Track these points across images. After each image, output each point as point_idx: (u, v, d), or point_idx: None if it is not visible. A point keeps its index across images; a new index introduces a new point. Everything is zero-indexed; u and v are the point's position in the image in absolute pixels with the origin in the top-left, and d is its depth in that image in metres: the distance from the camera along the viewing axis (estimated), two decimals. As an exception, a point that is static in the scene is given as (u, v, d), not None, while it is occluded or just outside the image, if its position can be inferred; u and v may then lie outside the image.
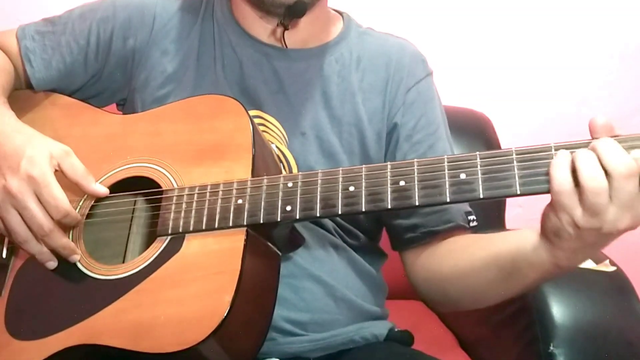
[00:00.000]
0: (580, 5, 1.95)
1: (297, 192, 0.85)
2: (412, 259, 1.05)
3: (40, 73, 1.08)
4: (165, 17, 1.09)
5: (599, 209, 0.71)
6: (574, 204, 0.72)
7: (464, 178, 0.77)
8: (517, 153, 0.76)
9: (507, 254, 0.86)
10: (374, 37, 1.12)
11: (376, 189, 0.81)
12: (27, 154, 0.90)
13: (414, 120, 1.05)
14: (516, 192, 0.75)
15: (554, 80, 1.99)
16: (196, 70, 1.06)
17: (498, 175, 0.76)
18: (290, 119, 1.03)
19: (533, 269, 0.83)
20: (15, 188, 0.88)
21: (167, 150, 0.97)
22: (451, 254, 0.98)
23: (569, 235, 0.75)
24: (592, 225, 0.72)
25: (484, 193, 0.76)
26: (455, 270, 0.96)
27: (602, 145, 0.71)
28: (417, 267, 1.04)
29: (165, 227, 0.90)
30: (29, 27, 1.11)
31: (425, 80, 1.09)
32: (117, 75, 1.10)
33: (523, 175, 0.75)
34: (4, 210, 0.90)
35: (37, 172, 0.88)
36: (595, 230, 0.72)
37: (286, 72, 1.05)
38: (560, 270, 0.82)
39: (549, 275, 0.85)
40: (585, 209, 0.71)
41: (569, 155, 0.73)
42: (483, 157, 0.78)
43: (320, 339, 0.98)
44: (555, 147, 0.74)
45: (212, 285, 0.84)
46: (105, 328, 0.86)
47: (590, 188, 0.70)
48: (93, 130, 1.05)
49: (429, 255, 1.02)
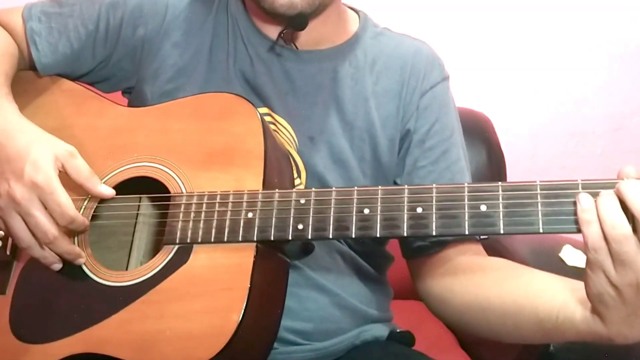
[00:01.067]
0: (580, 5, 1.94)
1: (310, 210, 0.83)
2: (421, 267, 1.02)
3: (47, 58, 1.04)
4: (178, 8, 1.05)
5: (628, 258, 0.67)
6: (607, 259, 0.69)
7: (485, 210, 0.75)
8: (542, 188, 0.73)
9: (550, 311, 0.80)
10: (390, 38, 1.07)
11: (392, 214, 0.79)
12: (31, 157, 0.87)
13: (427, 125, 1.02)
14: (538, 231, 0.72)
15: (554, 80, 1.99)
16: (208, 65, 1.03)
17: (520, 211, 0.73)
18: (300, 122, 1.00)
19: (579, 336, 0.79)
20: (19, 195, 0.86)
21: (174, 151, 0.94)
22: (476, 280, 0.93)
23: (612, 299, 0.70)
24: (628, 280, 0.68)
25: (504, 229, 0.74)
26: (481, 303, 0.90)
27: (625, 187, 0.68)
28: (429, 280, 1.01)
29: (172, 237, 0.88)
30: (35, 7, 1.06)
31: (442, 84, 1.05)
32: (124, 63, 1.06)
33: (547, 213, 0.72)
34: (8, 215, 0.87)
35: (41, 179, 0.86)
36: (633, 287, 0.69)
37: (297, 74, 1.01)
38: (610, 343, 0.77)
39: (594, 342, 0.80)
40: (615, 260, 0.68)
41: (593, 203, 0.69)
42: (505, 190, 0.75)
43: (323, 348, 0.98)
44: (583, 184, 0.72)
45: (220, 303, 0.82)
46: (110, 338, 0.85)
47: (614, 236, 0.67)
48: (99, 122, 1.02)
49: (445, 272, 0.98)
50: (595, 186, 0.71)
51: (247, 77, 1.01)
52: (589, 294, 0.73)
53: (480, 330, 0.94)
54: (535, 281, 0.85)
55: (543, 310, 0.81)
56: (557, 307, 0.79)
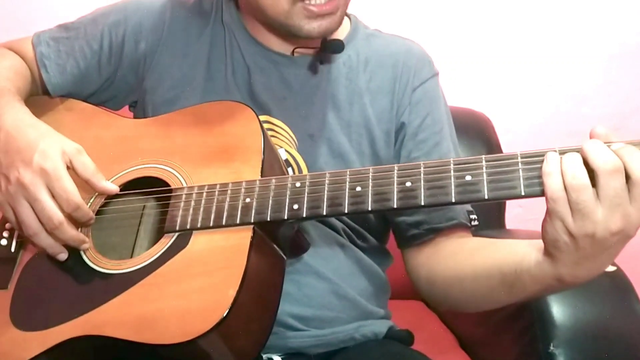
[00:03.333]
0: (580, 4, 1.94)
1: (305, 191, 0.86)
2: (414, 256, 1.06)
3: (56, 78, 1.10)
4: (176, 21, 1.12)
5: (586, 209, 0.72)
6: (565, 209, 0.73)
7: (470, 179, 0.79)
8: (522, 156, 0.77)
9: (511, 265, 0.86)
10: (381, 38, 1.14)
11: (382, 189, 0.83)
12: (40, 147, 0.91)
13: (419, 119, 1.07)
14: (520, 194, 0.76)
15: (554, 80, 1.99)
16: (206, 75, 1.08)
17: (503, 177, 0.77)
18: (299, 123, 1.05)
19: (535, 282, 0.84)
20: (27, 180, 0.89)
21: (177, 152, 0.99)
22: (455, 257, 0.99)
23: (566, 245, 0.75)
24: (585, 230, 0.73)
25: (489, 194, 0.77)
26: (458, 274, 0.96)
27: (588, 145, 0.73)
28: (420, 265, 1.05)
29: (173, 224, 0.91)
30: (44, 34, 1.13)
31: (432, 80, 1.10)
32: (129, 78, 1.12)
33: (528, 177, 0.76)
34: (16, 201, 0.91)
35: (49, 165, 0.90)
36: (589, 237, 0.73)
37: (294, 79, 1.07)
38: (563, 286, 0.82)
39: (551, 289, 0.86)
40: (574, 211, 0.72)
41: (559, 159, 0.74)
42: (489, 160, 0.79)
43: (322, 335, 0.99)
44: (561, 151, 0.76)
45: (217, 280, 0.84)
46: (109, 320, 0.87)
47: (574, 186, 0.72)
48: (106, 133, 1.07)
49: (432, 254, 1.03)
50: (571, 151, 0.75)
51: (245, 87, 1.07)
52: (544, 238, 0.78)
53: (460, 303, 1.00)
54: (503, 245, 0.91)
55: (506, 266, 0.86)
56: (518, 260, 0.85)
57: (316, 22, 0.99)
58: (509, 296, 0.90)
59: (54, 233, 0.92)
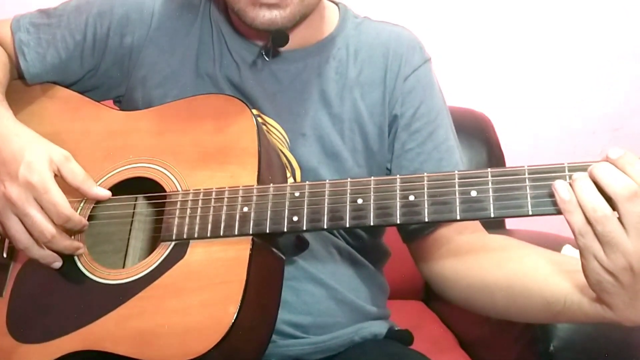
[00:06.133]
0: (581, 5, 1.94)
1: (304, 202, 0.84)
2: (421, 249, 1.02)
3: (35, 68, 1.05)
4: (164, 15, 1.06)
5: (615, 240, 0.69)
6: (595, 244, 0.70)
7: (475, 196, 0.77)
8: (530, 172, 0.75)
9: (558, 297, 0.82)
10: (371, 27, 1.08)
11: (385, 203, 0.81)
12: (25, 159, 0.88)
13: (412, 108, 1.02)
14: (528, 213, 0.74)
15: (554, 80, 1.99)
16: (195, 70, 1.04)
17: (509, 194, 0.75)
18: (290, 121, 1.01)
19: (590, 320, 0.80)
20: (15, 195, 0.87)
21: (169, 151, 0.96)
22: (479, 261, 0.94)
23: (612, 285, 0.72)
24: (621, 264, 0.70)
25: (495, 212, 0.75)
26: (487, 284, 0.92)
27: (597, 170, 0.70)
28: (428, 260, 1.01)
29: (169, 233, 0.89)
30: (23, 19, 1.07)
31: (424, 67, 1.05)
32: (113, 72, 1.07)
33: (535, 196, 0.74)
34: (5, 217, 0.88)
35: (36, 179, 0.87)
36: (628, 270, 0.70)
37: (284, 74, 1.03)
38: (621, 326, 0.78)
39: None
40: (604, 244, 0.70)
41: (571, 190, 0.71)
42: (495, 175, 0.77)
43: (321, 342, 0.99)
44: (569, 167, 0.73)
45: (217, 295, 0.83)
46: (108, 335, 0.86)
47: (597, 219, 0.69)
48: (94, 126, 1.03)
49: (442, 251, 0.99)
50: (581, 168, 0.73)
51: (234, 83, 1.03)
52: (589, 283, 0.74)
53: (488, 311, 0.96)
54: (540, 264, 0.87)
55: (551, 295, 0.83)
56: (565, 293, 0.81)
57: (260, 11, 0.93)
58: (553, 320, 0.88)
59: (47, 245, 0.90)
